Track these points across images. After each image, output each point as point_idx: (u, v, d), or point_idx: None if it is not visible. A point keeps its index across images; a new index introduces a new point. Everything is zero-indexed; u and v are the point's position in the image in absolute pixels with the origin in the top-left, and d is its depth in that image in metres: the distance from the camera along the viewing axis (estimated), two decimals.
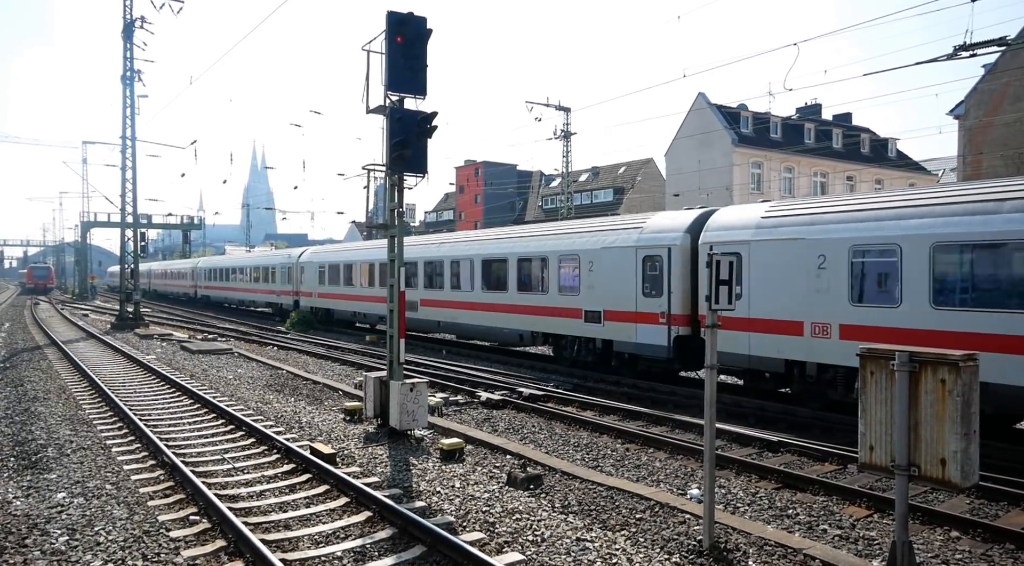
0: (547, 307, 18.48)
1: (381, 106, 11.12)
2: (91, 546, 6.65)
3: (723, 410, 12.27)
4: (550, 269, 18.35)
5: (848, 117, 58.55)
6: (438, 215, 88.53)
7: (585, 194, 67.23)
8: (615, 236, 16.67)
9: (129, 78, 31.82)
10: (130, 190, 32.75)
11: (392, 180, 11.30)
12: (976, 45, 15.85)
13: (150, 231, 75.75)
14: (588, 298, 17.11)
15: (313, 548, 6.66)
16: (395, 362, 11.26)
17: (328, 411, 13.29)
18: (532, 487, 8.52)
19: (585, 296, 17.19)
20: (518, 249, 19.77)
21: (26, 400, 14.21)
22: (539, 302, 18.76)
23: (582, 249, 17.37)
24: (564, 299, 17.84)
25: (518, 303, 19.51)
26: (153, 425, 11.73)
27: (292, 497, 8.17)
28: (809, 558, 6.39)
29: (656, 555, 6.46)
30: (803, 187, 51.01)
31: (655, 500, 8.03)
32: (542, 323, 18.70)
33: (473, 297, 21.46)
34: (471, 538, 6.73)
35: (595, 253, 16.92)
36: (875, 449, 5.34)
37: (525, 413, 13.25)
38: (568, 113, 43.45)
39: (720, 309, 6.59)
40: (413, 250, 24.29)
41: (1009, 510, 8.00)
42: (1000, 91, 29.75)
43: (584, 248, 17.34)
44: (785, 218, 12.93)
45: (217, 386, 16.08)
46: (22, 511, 7.62)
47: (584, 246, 17.37)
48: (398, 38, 10.65)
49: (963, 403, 4.88)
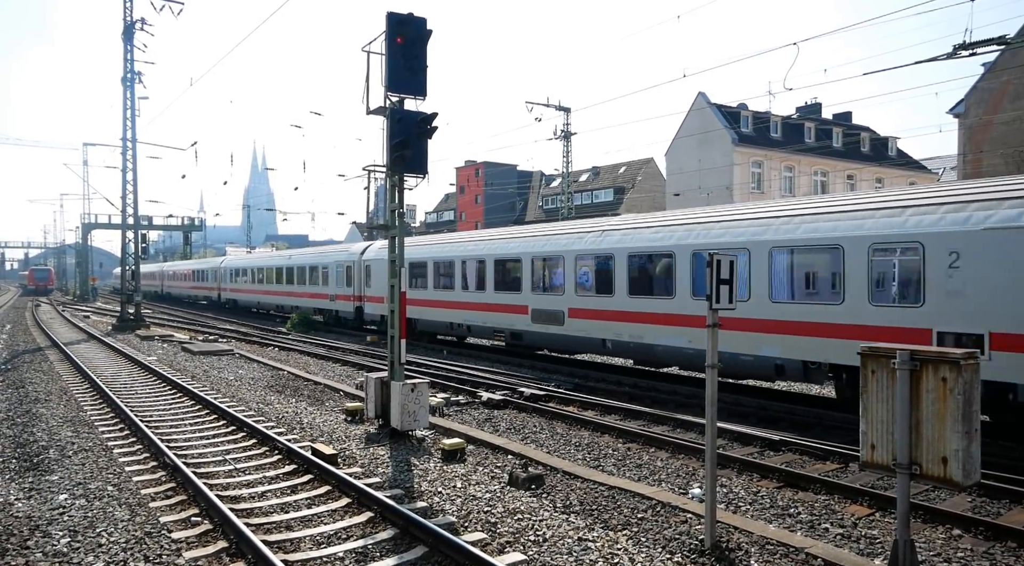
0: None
1: (381, 107, 11.13)
2: (93, 547, 6.66)
3: (724, 409, 12.26)
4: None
5: (848, 116, 58.52)
6: (439, 215, 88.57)
7: (586, 194, 67.26)
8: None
9: (129, 80, 31.83)
10: (131, 192, 32.76)
11: (392, 181, 11.31)
12: (976, 44, 15.85)
13: (151, 232, 75.70)
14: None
15: (315, 549, 6.66)
16: (396, 362, 11.27)
17: (329, 412, 13.29)
18: (534, 487, 8.52)
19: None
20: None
21: (28, 401, 14.22)
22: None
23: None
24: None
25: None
26: (154, 426, 11.74)
27: (294, 498, 8.18)
28: (811, 557, 6.39)
29: (658, 555, 6.46)
30: (803, 186, 51.00)
31: (657, 499, 8.03)
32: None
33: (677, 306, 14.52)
34: (473, 538, 6.73)
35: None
36: (877, 448, 5.34)
37: (526, 413, 13.26)
38: (568, 113, 43.43)
39: (721, 308, 6.59)
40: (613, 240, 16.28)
41: (1011, 508, 8.00)
42: (1000, 89, 29.75)
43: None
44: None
45: (218, 387, 16.09)
46: (24, 512, 7.63)
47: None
48: (398, 39, 10.66)
49: (964, 401, 4.88)
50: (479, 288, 20.87)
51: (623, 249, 15.89)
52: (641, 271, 15.68)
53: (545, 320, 18.18)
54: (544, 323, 18.18)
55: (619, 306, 15.93)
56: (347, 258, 29.77)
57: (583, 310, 16.95)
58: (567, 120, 43.75)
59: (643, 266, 15.65)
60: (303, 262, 34.14)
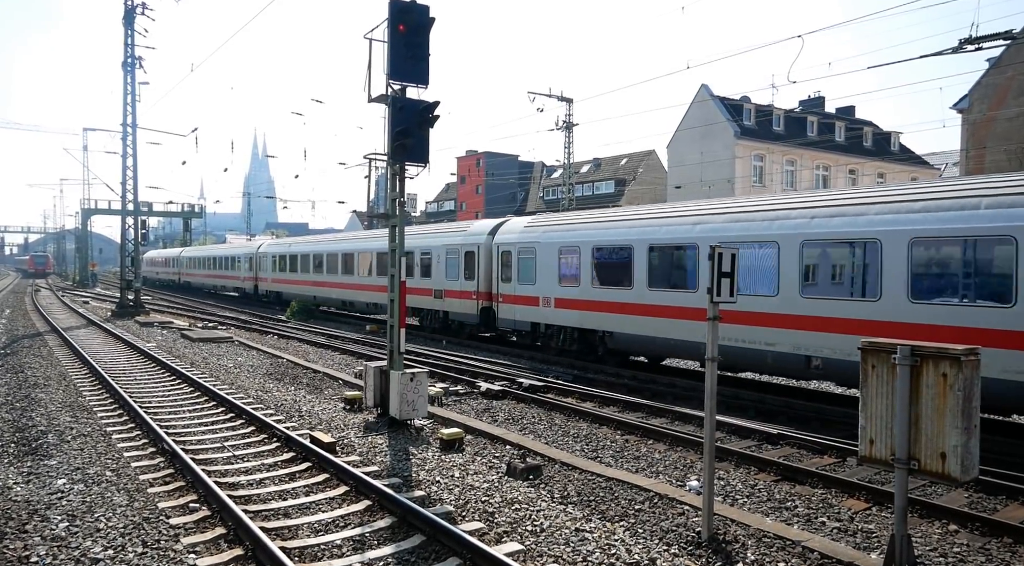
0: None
1: (383, 95, 11.08)
2: (91, 532, 6.67)
3: (723, 402, 12.28)
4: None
5: (851, 110, 58.30)
6: (439, 205, 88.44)
7: (587, 185, 67.10)
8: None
9: (130, 65, 31.68)
10: (131, 177, 32.69)
11: (394, 169, 11.27)
12: (981, 38, 15.74)
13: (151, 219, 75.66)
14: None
15: (312, 536, 6.68)
16: (396, 352, 11.26)
17: (328, 400, 13.30)
18: (531, 477, 8.54)
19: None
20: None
21: (27, 386, 14.22)
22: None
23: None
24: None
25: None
26: (153, 412, 11.75)
27: (292, 485, 8.19)
28: (807, 550, 6.40)
29: (655, 546, 6.48)
30: (805, 180, 50.89)
31: (654, 491, 8.04)
32: None
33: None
34: (470, 528, 6.74)
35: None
36: (875, 443, 5.34)
37: (525, 404, 13.27)
38: (570, 104, 43.27)
39: (722, 301, 6.57)
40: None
41: (1007, 504, 8.02)
42: (1004, 85, 29.63)
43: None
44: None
45: (217, 374, 16.10)
46: (22, 497, 7.64)
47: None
48: (401, 27, 10.60)
49: (964, 397, 4.87)
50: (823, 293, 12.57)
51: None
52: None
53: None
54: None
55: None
56: (466, 240, 22.25)
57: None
58: (569, 111, 43.60)
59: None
60: (415, 244, 24.75)
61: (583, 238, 17.39)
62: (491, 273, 21.00)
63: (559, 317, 18.14)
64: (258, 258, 41.14)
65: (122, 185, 32.87)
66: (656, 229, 15.48)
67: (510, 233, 20.37)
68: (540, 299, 18.74)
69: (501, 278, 20.30)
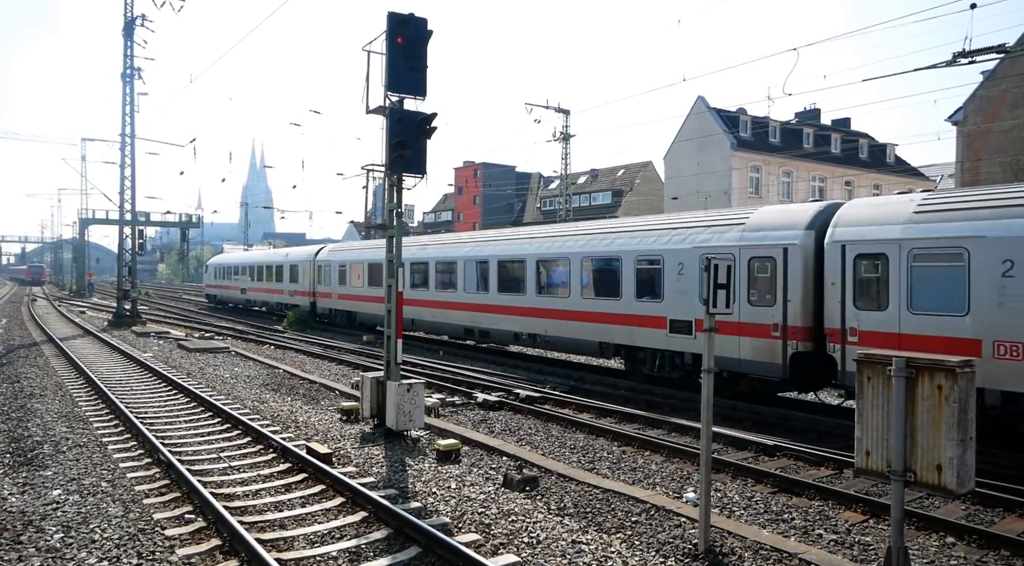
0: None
1: (381, 106, 11.13)
2: (86, 543, 6.64)
3: (719, 414, 12.28)
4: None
5: (847, 122, 58.60)
6: (436, 216, 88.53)
7: (584, 196, 67.24)
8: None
9: (129, 76, 31.78)
10: (129, 187, 32.70)
11: (391, 180, 11.31)
12: (975, 52, 15.86)
13: (148, 229, 75.68)
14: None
15: (308, 548, 6.65)
16: (392, 362, 11.26)
17: (325, 411, 13.28)
18: (528, 489, 8.52)
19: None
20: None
21: (22, 396, 14.17)
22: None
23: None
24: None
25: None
26: (149, 423, 11.71)
27: (288, 496, 8.16)
28: (804, 563, 6.40)
29: (651, 558, 6.46)
30: (801, 191, 51.07)
31: (651, 503, 8.03)
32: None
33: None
34: (466, 539, 6.72)
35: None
36: (872, 454, 5.35)
37: (522, 415, 13.25)
38: (567, 115, 43.43)
39: (718, 313, 6.59)
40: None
41: (1004, 516, 8.02)
42: (999, 98, 29.81)
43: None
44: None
45: (214, 385, 16.06)
46: (17, 508, 7.60)
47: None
48: (399, 39, 10.67)
49: (960, 409, 4.89)
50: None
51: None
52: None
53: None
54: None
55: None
56: (727, 243, 13.78)
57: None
58: (566, 122, 43.77)
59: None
60: (566, 250, 17.78)
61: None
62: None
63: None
64: (325, 266, 31.57)
65: (120, 195, 32.88)
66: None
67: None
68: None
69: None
